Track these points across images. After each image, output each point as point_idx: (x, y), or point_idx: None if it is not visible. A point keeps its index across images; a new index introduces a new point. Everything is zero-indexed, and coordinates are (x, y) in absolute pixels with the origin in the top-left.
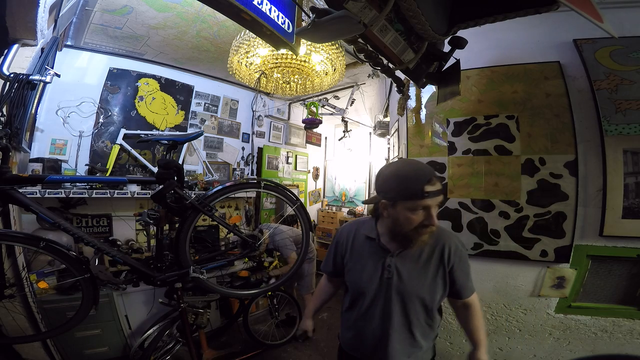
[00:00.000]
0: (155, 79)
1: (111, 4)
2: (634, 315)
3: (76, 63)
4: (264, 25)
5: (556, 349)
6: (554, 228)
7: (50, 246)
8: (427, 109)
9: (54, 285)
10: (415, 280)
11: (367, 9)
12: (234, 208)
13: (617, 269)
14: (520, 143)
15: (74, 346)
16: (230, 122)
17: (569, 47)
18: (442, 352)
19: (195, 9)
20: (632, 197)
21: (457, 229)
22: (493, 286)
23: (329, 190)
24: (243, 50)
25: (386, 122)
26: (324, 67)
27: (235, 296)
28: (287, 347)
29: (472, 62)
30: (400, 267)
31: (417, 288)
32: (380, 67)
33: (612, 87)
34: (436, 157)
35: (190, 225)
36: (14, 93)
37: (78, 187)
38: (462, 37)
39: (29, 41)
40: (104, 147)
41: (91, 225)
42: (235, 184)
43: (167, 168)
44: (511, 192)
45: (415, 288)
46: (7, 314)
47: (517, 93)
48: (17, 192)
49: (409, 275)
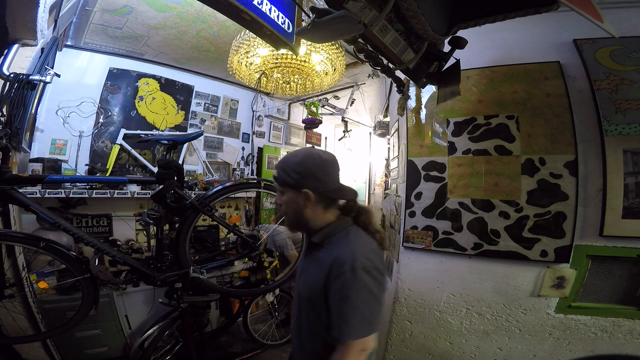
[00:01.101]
0: (155, 79)
1: (111, 4)
2: (634, 315)
3: (76, 63)
4: (264, 25)
5: (556, 349)
6: (554, 228)
7: (50, 246)
8: (427, 109)
9: (54, 285)
10: (303, 281)
11: (367, 9)
12: (234, 208)
13: (617, 269)
14: (520, 143)
15: (74, 346)
16: (230, 122)
17: (569, 47)
18: (443, 352)
19: (195, 9)
20: (632, 197)
21: (457, 229)
22: (493, 286)
23: None
24: (243, 50)
25: (386, 122)
26: (324, 67)
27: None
28: (287, 347)
29: (472, 62)
30: (303, 265)
31: (303, 290)
32: (380, 67)
33: (612, 87)
34: (436, 157)
35: (190, 225)
36: (14, 93)
37: (78, 187)
38: (462, 37)
39: (29, 41)
40: (104, 147)
41: (91, 225)
42: (235, 184)
43: (167, 168)
44: (511, 192)
45: (302, 290)
46: (7, 314)
47: (517, 93)
48: (17, 192)
49: (306, 273)
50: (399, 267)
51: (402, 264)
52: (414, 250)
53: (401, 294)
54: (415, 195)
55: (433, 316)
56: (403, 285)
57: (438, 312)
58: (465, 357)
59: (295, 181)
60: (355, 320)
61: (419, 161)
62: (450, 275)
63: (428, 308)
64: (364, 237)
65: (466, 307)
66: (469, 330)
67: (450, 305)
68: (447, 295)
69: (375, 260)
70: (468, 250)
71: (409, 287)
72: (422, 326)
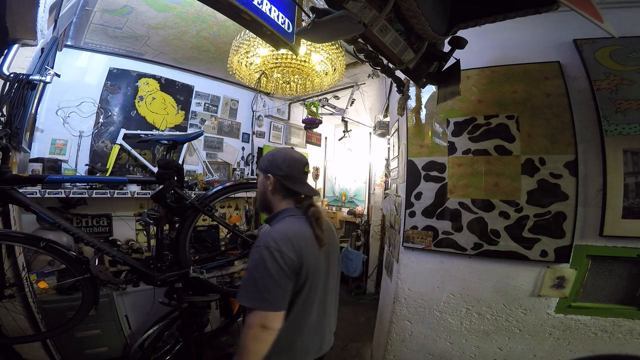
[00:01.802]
0: (155, 79)
1: (111, 4)
2: (634, 315)
3: (76, 63)
4: (264, 25)
5: (556, 349)
6: (554, 228)
7: (50, 246)
8: (427, 109)
9: (54, 285)
10: None
11: (367, 9)
12: (234, 208)
13: (617, 269)
14: (520, 143)
15: (74, 346)
16: (230, 122)
17: (569, 47)
18: (443, 352)
19: (195, 9)
20: (632, 197)
21: (457, 229)
22: (493, 286)
23: (329, 190)
24: (243, 50)
25: (386, 122)
26: (324, 67)
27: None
28: None
29: (472, 62)
30: None
31: None
32: (380, 67)
33: (612, 87)
34: (436, 157)
35: (190, 225)
36: (14, 93)
37: (78, 187)
38: (462, 37)
39: (29, 41)
40: (104, 147)
41: (91, 225)
42: (235, 184)
43: (167, 168)
44: (511, 192)
45: None
46: (7, 314)
47: (517, 93)
48: (17, 192)
49: None
50: (399, 267)
51: (402, 264)
52: (414, 250)
53: (401, 294)
54: (415, 195)
55: (433, 316)
56: (403, 285)
57: (438, 312)
58: (465, 357)
59: (265, 167)
60: (248, 288)
61: (419, 161)
62: (450, 275)
63: (428, 308)
64: (294, 226)
65: (466, 307)
66: (469, 330)
67: (450, 305)
68: (447, 295)
69: (284, 245)
70: (468, 250)
71: (409, 287)
72: (422, 326)
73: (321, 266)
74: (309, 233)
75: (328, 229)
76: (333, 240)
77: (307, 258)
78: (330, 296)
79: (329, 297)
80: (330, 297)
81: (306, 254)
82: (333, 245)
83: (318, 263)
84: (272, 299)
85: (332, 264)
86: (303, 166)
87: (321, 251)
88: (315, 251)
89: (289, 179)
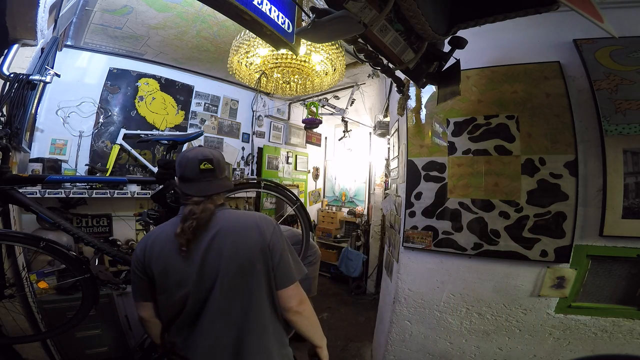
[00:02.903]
0: (155, 79)
1: (111, 4)
2: (634, 315)
3: (76, 63)
4: (264, 25)
5: (556, 349)
6: (554, 228)
7: (50, 246)
8: (427, 109)
9: (54, 285)
10: None
11: (367, 9)
12: (233, 208)
13: (617, 269)
14: (520, 143)
15: (74, 346)
16: (230, 122)
17: (569, 47)
18: (443, 352)
19: (195, 9)
20: (632, 197)
21: (457, 229)
22: (493, 286)
23: (329, 190)
24: (243, 50)
25: (386, 122)
26: (324, 67)
27: None
28: None
29: (472, 62)
30: None
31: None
32: (380, 67)
33: (612, 87)
34: (436, 157)
35: None
36: (14, 93)
37: (78, 187)
38: (462, 37)
39: (29, 41)
40: (104, 147)
41: (91, 225)
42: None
43: (167, 168)
44: (511, 192)
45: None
46: (7, 314)
47: (517, 93)
48: (17, 192)
49: None
50: (399, 267)
51: (402, 264)
52: (414, 250)
53: (401, 294)
54: (415, 195)
55: (433, 316)
56: (403, 285)
57: (438, 312)
58: (465, 357)
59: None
60: None
61: (419, 161)
62: (450, 275)
63: (428, 308)
64: (163, 227)
65: (466, 307)
66: (469, 330)
67: (450, 305)
68: (447, 295)
69: (139, 244)
70: (468, 250)
71: (409, 287)
72: (422, 326)
73: (186, 272)
74: (172, 235)
75: (224, 234)
76: (230, 249)
77: (156, 257)
78: (225, 317)
79: (219, 316)
80: (229, 318)
81: (157, 254)
82: (227, 256)
83: (177, 267)
84: (133, 291)
85: (219, 276)
86: (198, 163)
87: (187, 257)
88: (173, 254)
89: (182, 179)
